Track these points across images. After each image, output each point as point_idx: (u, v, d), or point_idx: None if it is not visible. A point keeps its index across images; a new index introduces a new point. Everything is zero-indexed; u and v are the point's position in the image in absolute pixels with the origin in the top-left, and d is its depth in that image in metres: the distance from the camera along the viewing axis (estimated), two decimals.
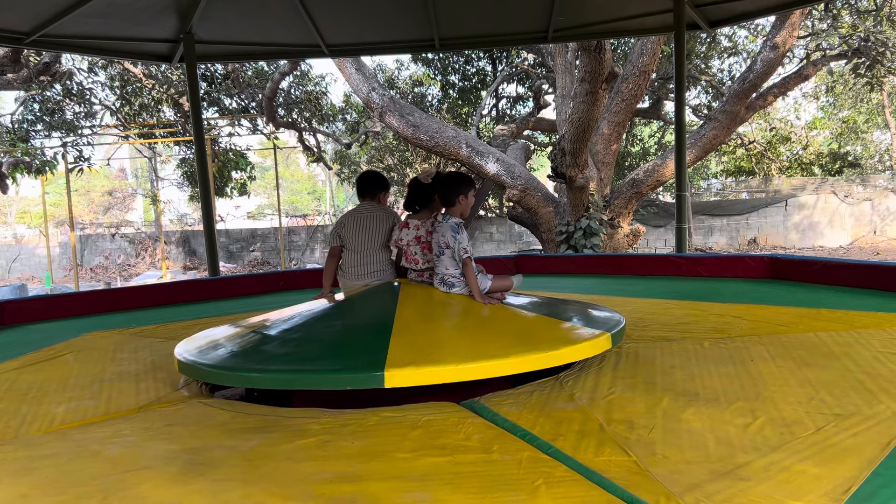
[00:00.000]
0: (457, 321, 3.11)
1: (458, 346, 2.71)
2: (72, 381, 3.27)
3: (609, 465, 1.83)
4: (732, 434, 2.03)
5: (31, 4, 6.38)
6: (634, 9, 7.69)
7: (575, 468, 1.82)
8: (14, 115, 15.86)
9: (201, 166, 7.35)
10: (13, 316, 5.19)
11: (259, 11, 7.44)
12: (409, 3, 7.34)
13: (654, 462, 1.84)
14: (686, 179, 7.23)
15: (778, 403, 2.30)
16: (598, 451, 1.94)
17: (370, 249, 3.87)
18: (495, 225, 20.49)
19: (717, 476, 1.73)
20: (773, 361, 2.86)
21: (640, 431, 2.09)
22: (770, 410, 2.23)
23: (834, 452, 1.85)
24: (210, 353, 2.91)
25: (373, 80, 11.88)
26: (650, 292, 5.18)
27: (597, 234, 10.31)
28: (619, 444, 1.98)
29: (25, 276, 21.66)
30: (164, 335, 4.40)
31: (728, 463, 1.81)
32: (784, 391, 2.43)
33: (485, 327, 2.98)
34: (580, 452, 1.93)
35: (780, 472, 1.73)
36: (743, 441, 1.97)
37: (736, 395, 2.42)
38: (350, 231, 3.90)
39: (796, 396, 2.37)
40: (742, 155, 20.86)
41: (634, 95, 10.86)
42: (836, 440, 1.94)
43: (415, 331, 2.87)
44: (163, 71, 15.09)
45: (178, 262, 22.11)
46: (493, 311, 3.17)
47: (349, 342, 2.88)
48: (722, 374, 2.70)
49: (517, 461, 1.88)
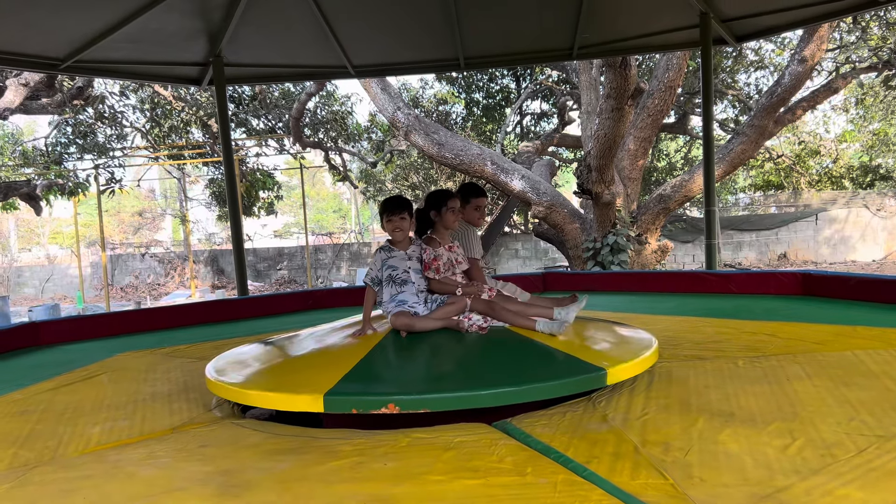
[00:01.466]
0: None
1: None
2: (106, 401, 3.31)
3: (646, 489, 1.80)
4: (771, 456, 1.99)
5: (66, 32, 6.53)
6: (660, 25, 7.67)
7: (611, 492, 1.79)
8: (48, 138, 16.23)
9: (230, 187, 7.44)
10: (49, 336, 5.28)
11: (286, 34, 7.55)
12: (434, 23, 7.40)
13: (691, 485, 1.81)
14: (714, 195, 7.16)
15: (817, 424, 2.25)
16: (633, 473, 1.92)
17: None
18: (520, 241, 20.44)
19: (757, 500, 1.69)
20: (809, 381, 2.81)
21: (676, 453, 2.06)
22: (809, 432, 2.18)
23: (878, 475, 1.81)
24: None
25: (398, 100, 11.98)
26: (680, 310, 5.12)
27: (624, 251, 10.25)
28: (655, 467, 1.95)
29: (58, 296, 22.03)
30: (196, 355, 4.45)
31: (767, 486, 1.78)
32: (822, 412, 2.39)
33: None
34: (616, 475, 1.91)
35: (823, 497, 1.69)
36: (782, 463, 1.93)
37: (773, 415, 2.38)
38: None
39: (835, 417, 2.32)
40: (770, 169, 20.63)
41: (660, 111, 10.82)
42: (880, 463, 1.90)
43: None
44: (192, 93, 15.36)
45: (206, 281, 22.34)
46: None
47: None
48: (757, 393, 2.66)
49: (552, 484, 1.86)
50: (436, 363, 2.94)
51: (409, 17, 7.43)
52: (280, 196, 18.61)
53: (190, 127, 16.19)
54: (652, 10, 7.49)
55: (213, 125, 15.42)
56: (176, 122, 15.63)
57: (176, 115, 15.48)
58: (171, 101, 15.16)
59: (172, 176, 21.40)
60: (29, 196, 14.03)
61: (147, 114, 15.96)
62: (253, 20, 7.03)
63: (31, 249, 31.21)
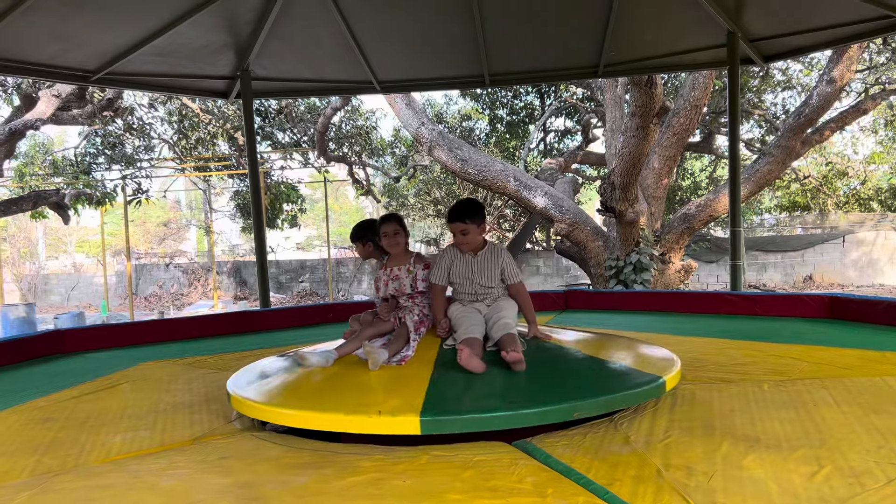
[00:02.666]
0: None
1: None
2: (128, 411, 3.33)
3: None
4: (797, 483, 1.95)
5: (98, 45, 6.66)
6: (687, 44, 7.65)
7: None
8: (77, 148, 16.52)
9: (255, 199, 7.51)
10: (74, 344, 5.33)
11: (314, 49, 7.63)
12: (460, 40, 7.44)
13: None
14: (740, 215, 7.09)
15: (844, 452, 2.21)
16: (656, 498, 1.89)
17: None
18: (542, 258, 20.38)
19: None
20: (837, 406, 2.75)
21: (700, 478, 2.02)
22: (836, 459, 2.14)
23: None
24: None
25: (422, 115, 12.04)
26: (705, 331, 5.06)
27: (647, 270, 10.17)
28: (677, 491, 1.92)
29: (83, 304, 22.31)
30: (217, 366, 4.47)
31: None
32: (850, 439, 2.34)
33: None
34: (638, 499, 1.88)
35: None
36: (809, 491, 1.89)
37: (799, 441, 2.33)
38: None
39: (864, 445, 2.27)
40: (797, 190, 20.39)
41: (686, 129, 10.77)
42: None
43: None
44: (219, 106, 15.56)
45: (228, 292, 22.52)
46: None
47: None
48: (783, 418, 2.61)
49: None
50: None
51: (435, 35, 7.48)
52: (303, 209, 18.74)
53: (216, 139, 16.39)
54: (679, 29, 7.48)
55: (239, 138, 15.61)
56: (203, 135, 15.84)
57: (203, 127, 15.68)
58: (198, 113, 15.37)
59: (198, 187, 21.65)
60: (58, 205, 14.25)
61: (175, 126, 16.19)
62: (281, 35, 7.12)
63: (58, 257, 31.67)
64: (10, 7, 5.62)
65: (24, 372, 4.58)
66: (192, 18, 6.42)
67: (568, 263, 18.79)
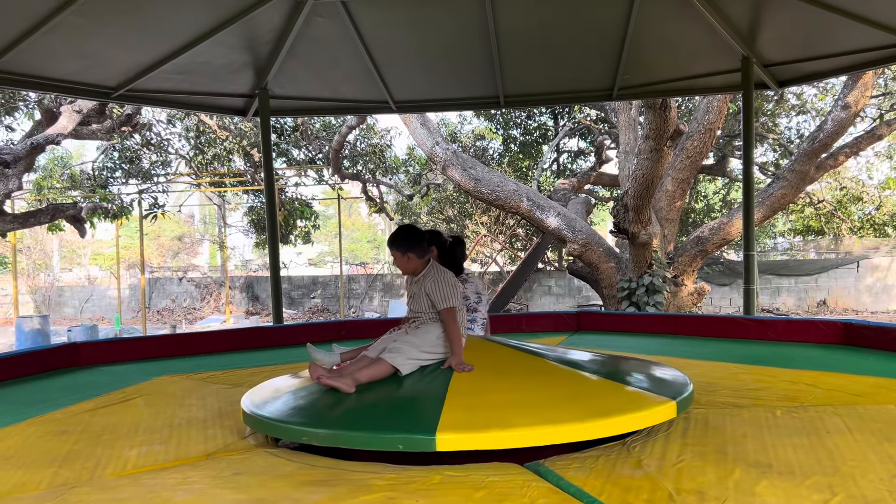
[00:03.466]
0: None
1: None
2: (143, 425, 3.37)
3: None
4: None
5: (119, 62, 6.77)
6: (701, 68, 7.68)
7: None
8: (95, 162, 16.72)
9: (270, 215, 7.56)
10: (89, 357, 5.38)
11: (331, 69, 7.72)
12: (476, 62, 7.50)
13: None
14: (754, 239, 7.08)
15: (857, 480, 2.20)
16: None
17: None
18: (554, 278, 20.36)
19: None
20: (850, 434, 2.74)
21: (712, 503, 2.03)
22: (850, 487, 2.14)
23: None
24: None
25: (436, 135, 12.12)
26: (717, 355, 5.05)
27: (660, 292, 10.15)
28: None
29: (96, 317, 22.45)
30: (231, 381, 4.50)
31: None
32: (863, 467, 2.33)
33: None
34: None
35: None
36: None
37: (812, 468, 2.33)
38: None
39: (877, 473, 2.27)
40: (811, 214, 20.32)
41: (699, 152, 10.78)
42: None
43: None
44: (236, 123, 15.73)
45: (241, 308, 22.61)
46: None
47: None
48: (796, 445, 2.61)
49: None
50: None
51: (451, 56, 7.55)
52: (317, 225, 18.85)
53: (232, 155, 16.55)
54: (694, 54, 7.52)
55: (254, 154, 15.75)
56: (219, 151, 16.00)
57: (219, 143, 15.85)
58: (215, 130, 15.54)
59: (213, 203, 21.83)
60: (74, 218, 14.39)
61: (191, 141, 16.37)
62: (299, 55, 7.21)
63: (72, 270, 31.90)
64: (34, 26, 5.73)
65: (41, 384, 4.63)
66: (213, 38, 6.52)
67: (580, 284, 18.75)
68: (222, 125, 15.69)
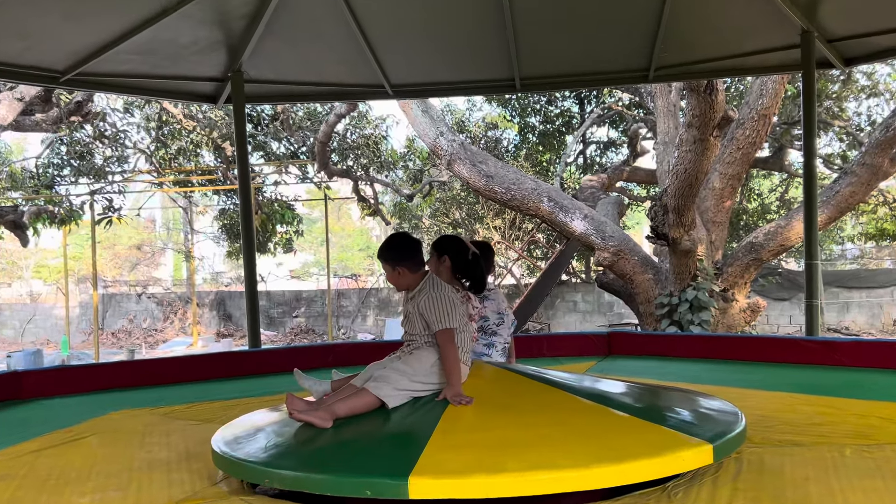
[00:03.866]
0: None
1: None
2: (96, 468, 3.38)
3: None
4: None
5: (68, 42, 6.79)
6: (753, 44, 7.69)
7: None
8: (39, 158, 16.78)
9: (245, 219, 7.57)
10: (32, 389, 5.38)
11: (317, 48, 7.75)
12: (486, 38, 7.52)
13: None
14: (817, 245, 7.07)
15: None
16: None
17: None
18: (580, 293, 20.36)
19: None
20: None
21: None
22: None
23: None
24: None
25: (441, 124, 12.16)
26: (774, 384, 5.04)
27: (706, 308, 10.14)
28: None
29: (41, 340, 22.52)
30: (200, 417, 4.52)
31: None
32: None
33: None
34: None
35: None
36: None
37: None
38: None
39: None
40: (885, 215, 20.27)
41: (752, 143, 10.79)
42: None
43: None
44: (205, 112, 15.79)
45: (211, 328, 22.67)
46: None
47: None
48: (868, 489, 2.61)
49: None
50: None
51: (457, 32, 7.58)
52: (300, 231, 18.89)
53: (200, 149, 16.61)
54: (744, 27, 7.52)
55: (227, 148, 15.80)
56: (185, 144, 16.05)
57: (185, 135, 15.90)
58: (180, 119, 15.60)
59: (177, 205, 21.92)
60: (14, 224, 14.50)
61: (153, 133, 16.44)
62: (279, 32, 7.23)
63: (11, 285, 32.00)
64: None
65: None
66: (178, 12, 6.54)
67: (611, 299, 18.75)
68: (189, 114, 15.75)
